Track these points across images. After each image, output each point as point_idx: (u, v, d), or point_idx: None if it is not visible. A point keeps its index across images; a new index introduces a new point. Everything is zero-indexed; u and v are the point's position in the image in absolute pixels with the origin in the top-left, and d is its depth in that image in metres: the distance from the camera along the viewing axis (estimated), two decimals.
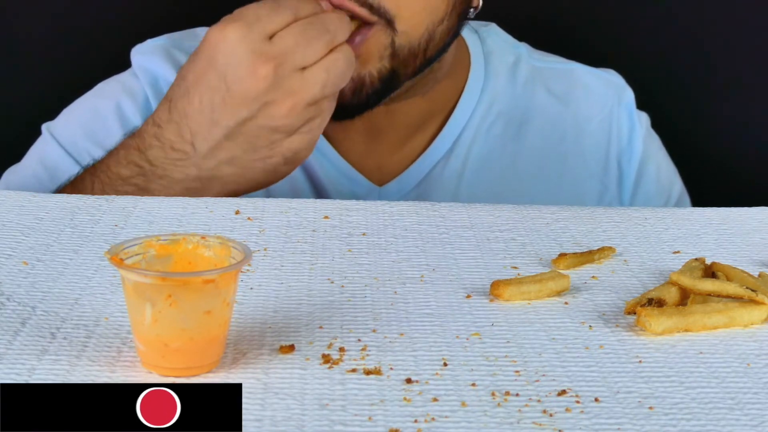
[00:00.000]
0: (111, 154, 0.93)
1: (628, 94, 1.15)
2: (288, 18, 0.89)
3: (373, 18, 0.93)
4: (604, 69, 1.17)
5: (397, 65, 0.96)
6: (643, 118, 1.15)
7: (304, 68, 0.88)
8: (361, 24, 0.93)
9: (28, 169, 1.10)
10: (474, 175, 1.08)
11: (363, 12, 0.93)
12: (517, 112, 1.11)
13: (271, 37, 0.88)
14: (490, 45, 1.13)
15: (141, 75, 1.08)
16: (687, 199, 1.18)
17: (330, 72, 0.88)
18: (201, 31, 1.15)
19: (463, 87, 1.10)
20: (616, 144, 1.13)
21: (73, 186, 0.94)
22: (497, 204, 0.85)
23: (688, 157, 1.21)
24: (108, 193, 0.90)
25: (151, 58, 1.09)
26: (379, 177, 1.07)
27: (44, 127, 1.11)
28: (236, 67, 0.87)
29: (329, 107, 0.91)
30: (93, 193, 0.91)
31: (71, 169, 1.00)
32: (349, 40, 0.91)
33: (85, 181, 0.93)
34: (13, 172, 1.11)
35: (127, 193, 0.90)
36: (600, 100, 1.14)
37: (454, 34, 1.02)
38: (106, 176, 0.92)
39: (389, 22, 0.94)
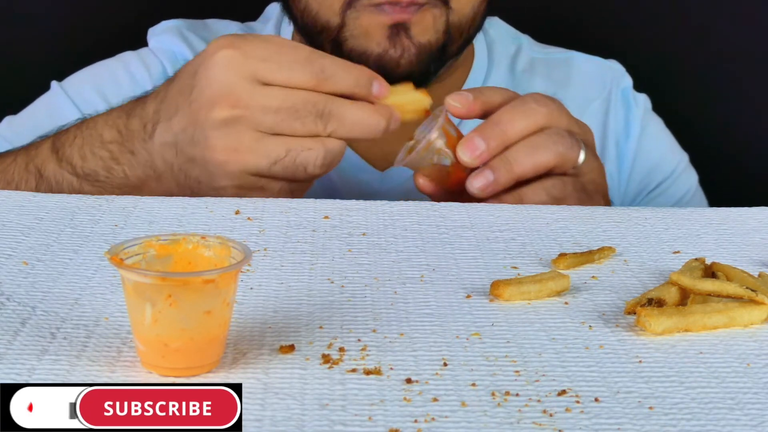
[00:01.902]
0: (106, 111, 0.91)
1: (627, 80, 1.18)
2: (300, 79, 0.80)
3: None
4: (605, 59, 1.19)
5: (447, 41, 1.00)
6: (641, 99, 1.17)
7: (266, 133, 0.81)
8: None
9: (29, 117, 1.09)
10: None
11: None
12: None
13: (264, 84, 0.80)
14: (492, 35, 1.16)
15: (159, 54, 1.11)
16: (692, 173, 1.19)
17: (290, 154, 0.81)
18: (211, 22, 1.17)
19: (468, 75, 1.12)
20: (613, 126, 1.15)
21: (56, 136, 0.91)
22: (497, 204, 0.85)
23: (690, 156, 1.21)
24: (84, 152, 0.88)
25: (168, 38, 1.12)
26: (384, 165, 1.08)
27: (53, 82, 1.12)
28: (204, 88, 0.81)
29: (270, 188, 0.83)
30: (71, 148, 0.88)
31: (74, 117, 0.97)
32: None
33: (69, 133, 0.91)
34: (9, 121, 1.11)
35: (99, 157, 0.87)
36: (598, 85, 1.17)
37: (486, 16, 1.07)
38: (89, 133, 0.89)
39: (445, 2, 0.98)
